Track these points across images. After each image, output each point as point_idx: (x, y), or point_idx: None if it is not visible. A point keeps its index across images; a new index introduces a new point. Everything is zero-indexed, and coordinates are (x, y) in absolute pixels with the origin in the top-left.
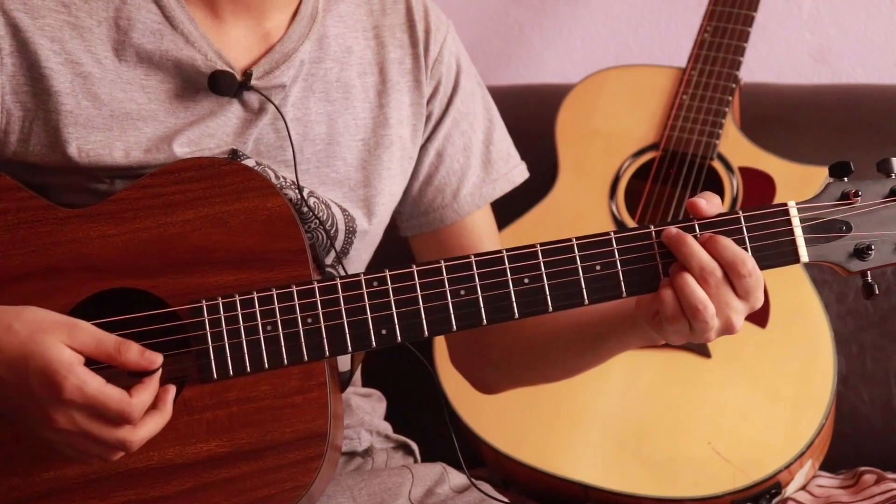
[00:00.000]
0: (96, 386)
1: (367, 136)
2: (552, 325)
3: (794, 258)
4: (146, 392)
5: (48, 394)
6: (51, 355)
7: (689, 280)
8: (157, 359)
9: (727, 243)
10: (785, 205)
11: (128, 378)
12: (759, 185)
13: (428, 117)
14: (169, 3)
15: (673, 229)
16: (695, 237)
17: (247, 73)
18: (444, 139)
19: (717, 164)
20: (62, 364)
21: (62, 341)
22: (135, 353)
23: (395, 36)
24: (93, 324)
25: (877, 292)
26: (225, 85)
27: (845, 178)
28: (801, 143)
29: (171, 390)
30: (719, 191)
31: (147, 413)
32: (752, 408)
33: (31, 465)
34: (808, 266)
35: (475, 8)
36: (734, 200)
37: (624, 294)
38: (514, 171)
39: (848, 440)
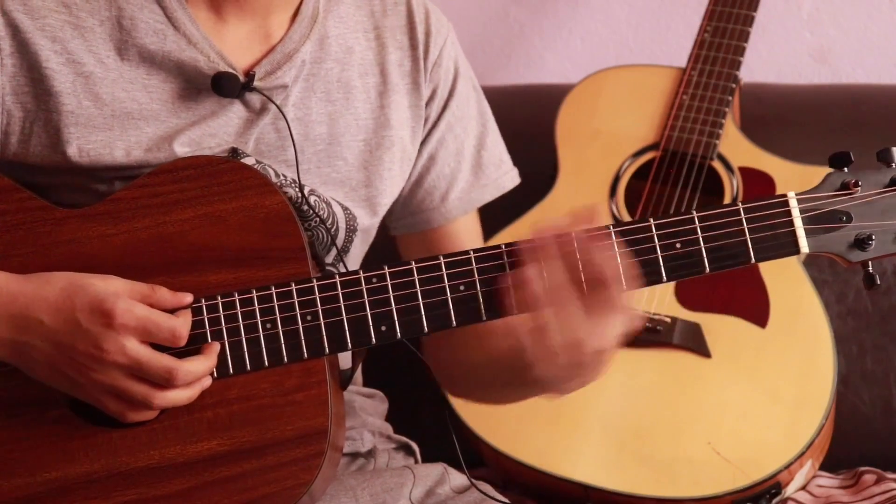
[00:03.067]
0: (145, 308)
1: (368, 136)
2: (483, 347)
3: (795, 249)
4: (186, 316)
5: (100, 322)
6: (97, 288)
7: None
8: (188, 296)
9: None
10: (784, 196)
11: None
12: (759, 185)
13: (426, 120)
14: (171, 3)
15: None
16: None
17: (249, 74)
18: (437, 142)
19: (717, 164)
20: (109, 293)
21: (101, 282)
22: (166, 291)
23: (396, 38)
24: None
25: (878, 282)
26: (228, 86)
27: (845, 169)
28: (801, 143)
29: (217, 345)
30: (719, 191)
31: (192, 357)
32: (752, 408)
33: (33, 466)
34: (807, 265)
35: (475, 8)
36: (734, 200)
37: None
38: (505, 178)
39: (848, 440)
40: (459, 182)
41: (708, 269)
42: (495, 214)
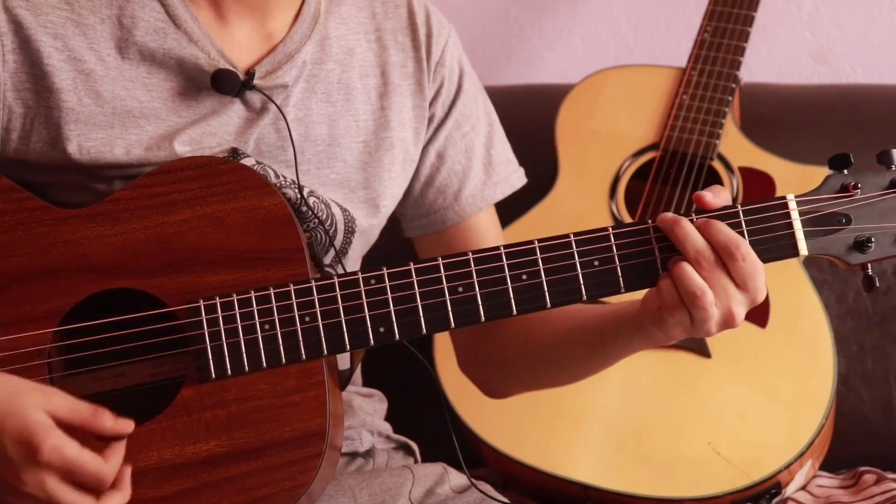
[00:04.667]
0: (75, 449)
1: (367, 137)
2: (560, 328)
3: (794, 251)
4: (117, 456)
5: (24, 454)
6: (29, 416)
7: (686, 267)
8: (130, 425)
9: (721, 227)
10: (784, 198)
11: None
12: (759, 185)
13: (430, 119)
14: (172, 1)
15: (669, 214)
16: (690, 221)
17: (249, 73)
18: (445, 140)
19: (717, 164)
20: (40, 425)
21: (39, 405)
22: (109, 418)
23: (397, 39)
24: (91, 324)
25: (877, 285)
26: (227, 84)
27: (845, 171)
28: (801, 143)
29: (128, 469)
30: None
31: (109, 490)
32: (752, 408)
33: None
34: (808, 266)
35: (475, 8)
36: (734, 200)
37: (622, 289)
38: (514, 176)
39: (848, 440)
40: (472, 180)
41: None
42: None
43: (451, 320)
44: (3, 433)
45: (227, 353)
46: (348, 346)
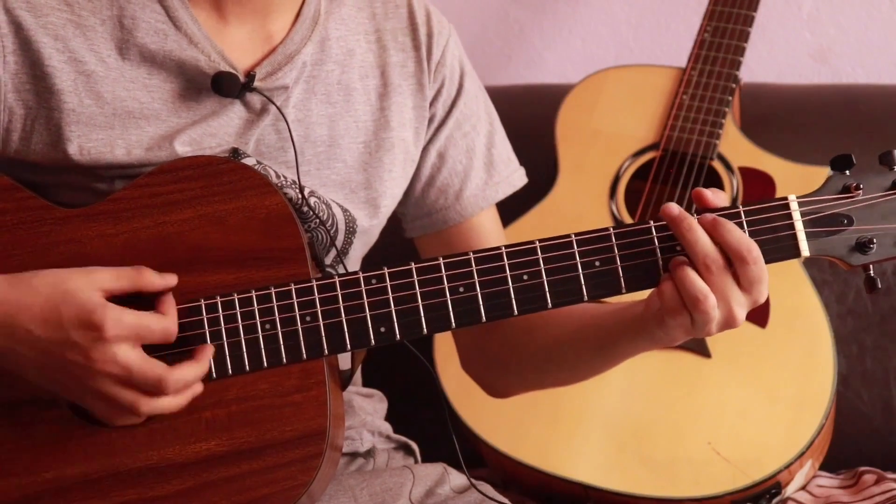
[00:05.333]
0: (134, 314)
1: (367, 138)
2: (563, 329)
3: (795, 252)
4: (172, 309)
5: (90, 336)
6: (82, 298)
7: (689, 271)
8: (174, 277)
9: (731, 227)
10: (786, 199)
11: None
12: (759, 185)
13: (430, 119)
14: (173, 3)
15: (675, 208)
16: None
17: (250, 75)
18: (446, 140)
19: (717, 164)
20: (95, 304)
21: (86, 286)
22: (153, 273)
23: (398, 40)
24: None
25: (879, 286)
26: (228, 86)
27: (847, 172)
28: (801, 143)
29: (210, 348)
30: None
31: (184, 361)
32: (752, 408)
33: (31, 465)
34: (808, 266)
35: (475, 8)
36: (734, 200)
37: (623, 290)
38: (515, 175)
39: (848, 440)
40: (473, 179)
41: None
42: None
43: (452, 320)
44: (64, 322)
45: (227, 353)
46: (349, 346)
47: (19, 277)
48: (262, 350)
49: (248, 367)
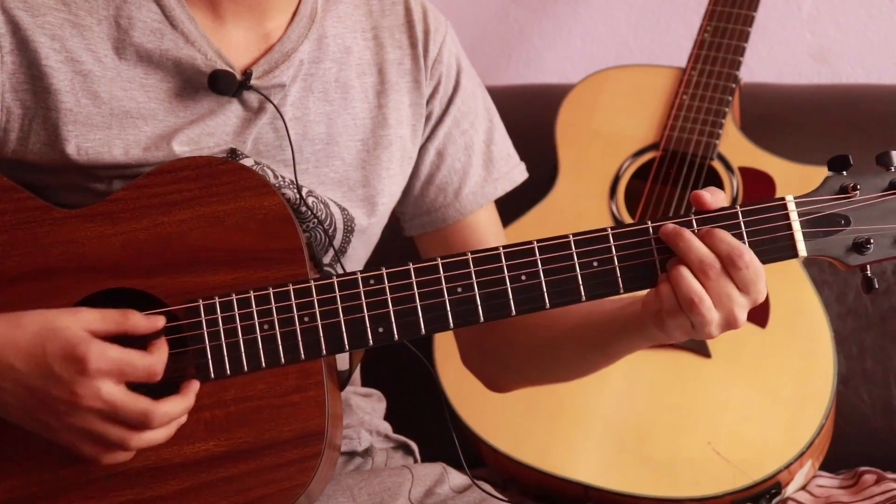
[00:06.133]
0: (118, 349)
1: (365, 136)
2: (563, 326)
3: (793, 253)
4: (161, 349)
5: (73, 369)
6: (67, 334)
7: (685, 272)
8: (161, 320)
9: (723, 235)
10: (783, 199)
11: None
12: (759, 185)
13: (428, 117)
14: (169, 2)
15: (670, 226)
16: (693, 232)
17: (246, 73)
18: (444, 138)
19: (717, 164)
20: (81, 338)
21: (72, 323)
22: (139, 316)
23: (394, 37)
24: None
25: (876, 286)
26: (225, 84)
27: (844, 172)
28: (801, 143)
29: (196, 383)
30: None
31: (170, 396)
32: (752, 408)
33: (29, 466)
34: (808, 266)
35: (475, 8)
36: (734, 200)
37: (621, 290)
38: (515, 171)
39: (848, 440)
40: (472, 177)
41: None
42: None
43: (450, 321)
44: (48, 356)
45: (226, 353)
46: (347, 347)
47: (6, 315)
48: (261, 350)
49: (246, 368)
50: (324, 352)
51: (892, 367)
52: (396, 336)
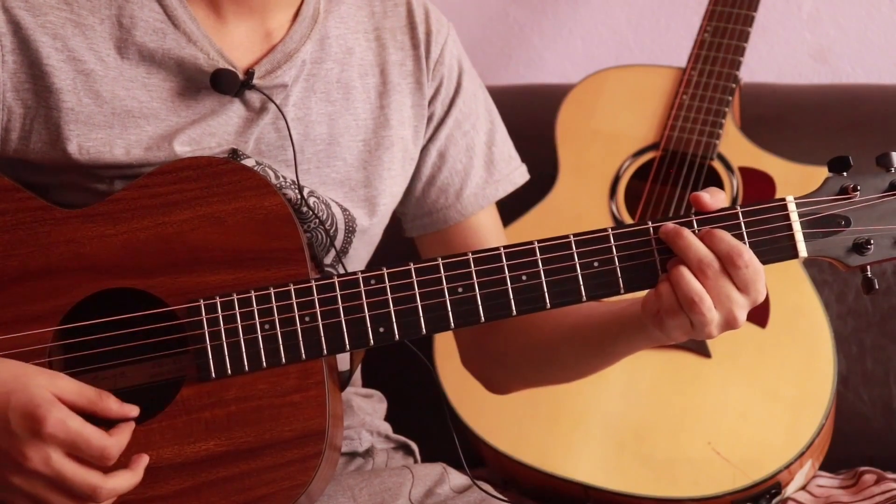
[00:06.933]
0: (79, 422)
1: (367, 136)
2: (563, 327)
3: (793, 253)
4: (124, 434)
5: (28, 428)
6: (33, 392)
7: (685, 272)
8: (135, 409)
9: (722, 235)
10: (783, 200)
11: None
12: (759, 185)
13: (429, 118)
14: (171, 2)
15: (670, 225)
16: (693, 232)
17: (249, 73)
18: (446, 139)
19: (717, 164)
20: (45, 399)
21: (45, 385)
22: (115, 401)
23: (396, 38)
24: (91, 323)
25: (876, 287)
26: (227, 83)
27: (844, 173)
28: (801, 143)
29: (145, 458)
30: None
31: (119, 469)
32: (752, 408)
33: None
34: (808, 266)
35: (475, 8)
36: (734, 200)
37: (622, 290)
38: (516, 173)
39: (848, 440)
40: (473, 178)
41: None
42: None
43: (451, 321)
44: (8, 409)
45: (227, 353)
46: (348, 346)
47: None
48: (261, 350)
49: (247, 368)
50: (325, 351)
51: (892, 367)
52: (397, 336)
